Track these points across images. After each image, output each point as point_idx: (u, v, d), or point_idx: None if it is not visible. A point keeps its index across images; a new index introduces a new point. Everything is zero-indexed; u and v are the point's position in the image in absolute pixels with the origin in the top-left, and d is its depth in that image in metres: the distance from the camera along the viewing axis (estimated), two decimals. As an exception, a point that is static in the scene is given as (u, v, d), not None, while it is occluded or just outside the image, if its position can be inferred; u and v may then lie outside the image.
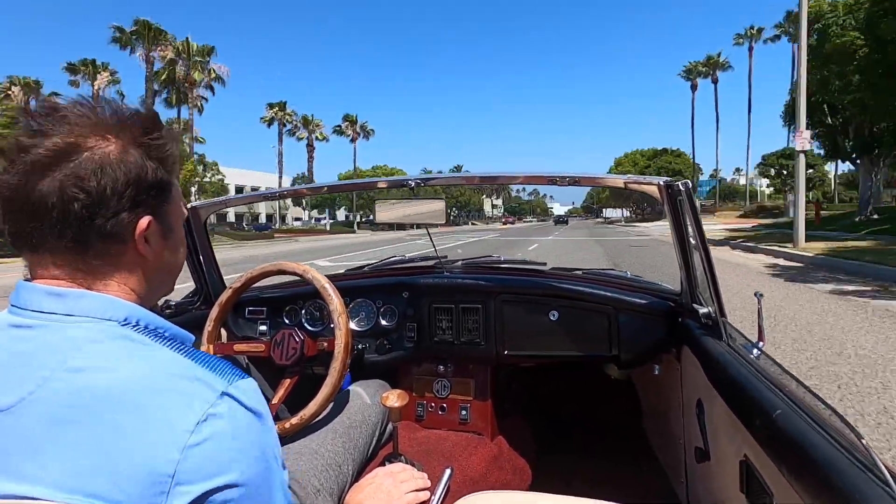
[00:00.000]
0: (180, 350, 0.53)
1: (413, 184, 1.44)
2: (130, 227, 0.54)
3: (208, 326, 1.33)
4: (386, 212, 1.57)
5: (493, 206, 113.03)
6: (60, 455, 0.44)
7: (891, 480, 0.52)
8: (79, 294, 0.53)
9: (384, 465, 1.14)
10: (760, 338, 1.06)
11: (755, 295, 1.13)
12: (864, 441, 0.57)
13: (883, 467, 0.54)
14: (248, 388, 0.53)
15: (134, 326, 0.53)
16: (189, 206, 1.56)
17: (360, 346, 1.53)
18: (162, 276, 0.61)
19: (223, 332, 1.53)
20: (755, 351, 0.99)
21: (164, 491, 0.44)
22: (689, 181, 1.13)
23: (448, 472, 1.10)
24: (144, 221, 0.55)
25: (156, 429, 0.46)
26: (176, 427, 0.46)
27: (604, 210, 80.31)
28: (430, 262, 1.80)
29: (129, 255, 0.55)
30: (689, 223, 1.13)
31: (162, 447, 0.45)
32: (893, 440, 2.38)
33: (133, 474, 0.44)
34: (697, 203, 1.15)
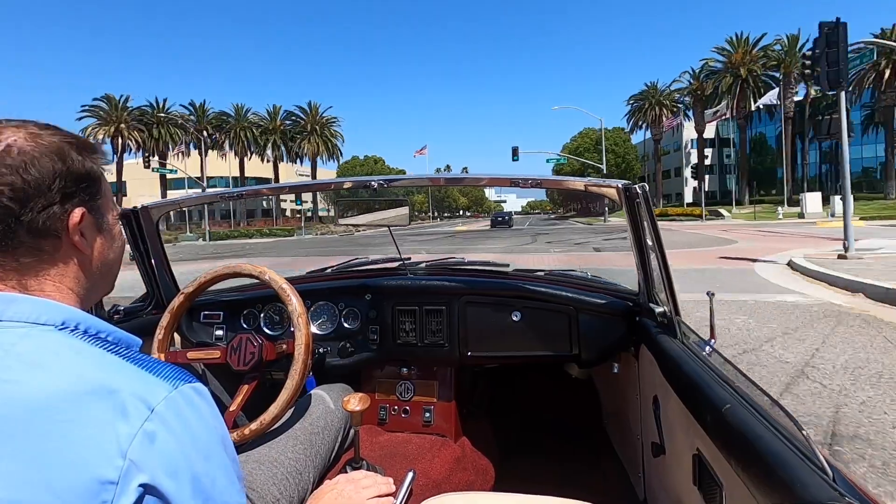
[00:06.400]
0: (123, 355, 0.51)
1: (376, 185, 1.42)
2: (63, 221, 0.52)
3: (158, 334, 1.26)
4: (349, 215, 1.55)
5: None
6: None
7: (827, 468, 0.56)
8: (9, 298, 0.50)
9: (346, 470, 1.12)
10: (712, 335, 1.10)
11: (707, 294, 1.18)
12: (804, 432, 0.61)
13: (821, 456, 0.57)
14: (196, 392, 0.51)
15: (72, 331, 0.51)
16: (140, 206, 1.50)
17: (321, 350, 1.50)
18: (100, 271, 0.59)
19: (177, 338, 1.47)
20: (707, 348, 1.03)
21: (108, 499, 0.42)
22: (645, 184, 1.15)
23: (410, 475, 1.09)
24: (77, 214, 0.53)
25: (97, 437, 0.44)
26: (119, 434, 0.44)
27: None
28: (394, 264, 1.78)
29: (63, 250, 0.54)
30: (646, 225, 1.17)
31: (105, 455, 0.43)
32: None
33: (76, 485, 0.42)
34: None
